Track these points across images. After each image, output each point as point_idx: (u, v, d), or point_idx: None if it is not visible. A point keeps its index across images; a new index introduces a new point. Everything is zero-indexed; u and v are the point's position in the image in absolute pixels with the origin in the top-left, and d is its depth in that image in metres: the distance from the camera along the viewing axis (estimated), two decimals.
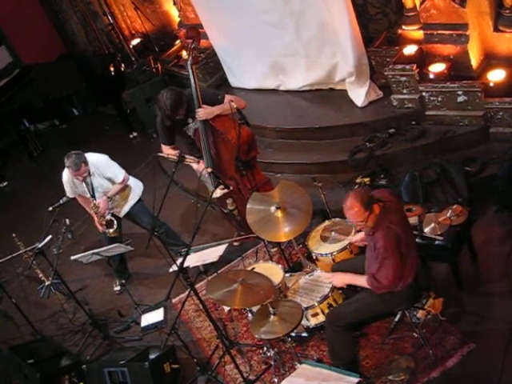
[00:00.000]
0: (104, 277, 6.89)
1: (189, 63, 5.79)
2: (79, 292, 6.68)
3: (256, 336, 4.73)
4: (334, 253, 5.12)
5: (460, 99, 6.03)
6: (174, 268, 4.90)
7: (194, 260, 5.16)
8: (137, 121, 9.16)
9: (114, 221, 6.08)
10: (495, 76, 5.94)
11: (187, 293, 5.27)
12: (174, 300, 6.11)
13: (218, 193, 5.64)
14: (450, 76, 6.12)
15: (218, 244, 5.30)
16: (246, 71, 7.98)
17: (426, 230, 4.95)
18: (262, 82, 7.89)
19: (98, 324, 6.11)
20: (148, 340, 5.82)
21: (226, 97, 5.73)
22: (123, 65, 9.60)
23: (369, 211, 4.16)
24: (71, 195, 6.15)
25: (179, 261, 4.79)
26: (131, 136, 9.24)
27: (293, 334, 4.77)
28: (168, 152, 5.90)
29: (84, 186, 5.89)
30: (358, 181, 6.27)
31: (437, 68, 6.19)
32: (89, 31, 11.32)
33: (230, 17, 7.56)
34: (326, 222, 5.54)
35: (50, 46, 11.21)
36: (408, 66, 6.24)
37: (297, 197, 5.13)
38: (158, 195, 5.04)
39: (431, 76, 6.21)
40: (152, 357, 5.22)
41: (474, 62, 6.06)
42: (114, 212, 6.21)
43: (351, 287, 4.74)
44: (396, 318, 4.88)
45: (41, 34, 11.16)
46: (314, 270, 5.26)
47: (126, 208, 6.26)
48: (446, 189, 5.63)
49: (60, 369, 5.60)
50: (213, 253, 5.22)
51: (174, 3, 9.15)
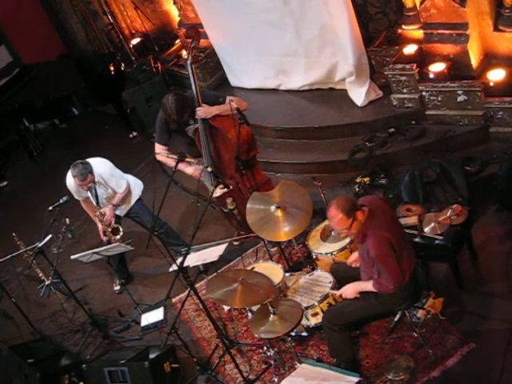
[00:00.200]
0: (104, 276, 6.88)
1: (189, 62, 5.80)
2: (79, 291, 6.67)
3: (256, 335, 4.73)
4: (334, 252, 5.12)
5: (460, 99, 6.03)
6: (174, 267, 4.90)
7: (193, 259, 5.16)
8: (137, 120, 9.15)
9: (120, 228, 6.08)
10: (495, 75, 5.94)
11: (187, 292, 5.27)
12: (173, 299, 6.10)
13: (217, 192, 5.65)
14: (450, 75, 6.12)
15: (218, 243, 5.30)
16: (246, 71, 7.98)
17: (426, 229, 4.95)
18: (261, 81, 7.89)
19: (98, 323, 6.11)
20: (148, 339, 5.82)
21: (227, 98, 5.74)
22: (123, 64, 9.58)
23: (352, 218, 4.15)
24: (78, 198, 6.15)
25: (179, 260, 4.79)
26: (131, 135, 9.23)
27: (293, 334, 4.76)
28: (161, 152, 5.89)
29: (89, 194, 5.89)
30: (358, 180, 6.26)
31: (437, 67, 6.19)
32: (89, 31, 11.30)
33: (229, 16, 7.56)
34: (326, 222, 5.50)
35: (50, 46, 11.18)
36: (408, 66, 6.24)
37: (297, 196, 5.13)
38: (158, 195, 5.05)
39: (431, 75, 6.21)
40: (152, 356, 5.21)
41: (474, 61, 6.06)
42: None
43: None
44: (396, 318, 4.87)
45: (41, 33, 11.14)
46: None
47: (126, 208, 6.26)
48: (446, 188, 5.63)
49: (60, 368, 5.60)
50: (213, 252, 5.22)
51: (174, 3, 9.15)
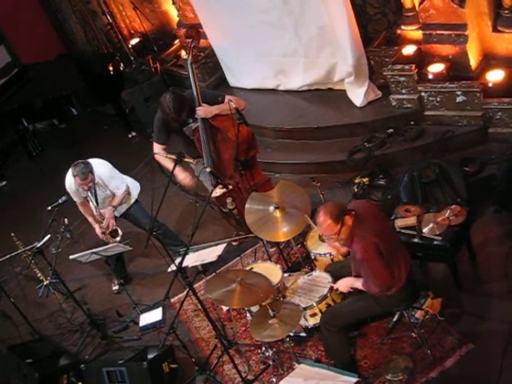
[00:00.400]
0: (102, 276, 6.88)
1: (189, 62, 5.80)
2: (78, 291, 6.67)
3: (258, 339, 4.72)
4: (333, 253, 5.11)
5: (459, 99, 6.03)
6: (173, 268, 4.90)
7: (192, 260, 5.16)
8: (135, 120, 9.14)
9: (119, 230, 6.09)
10: (494, 76, 5.95)
11: (186, 292, 5.27)
12: (172, 300, 6.09)
13: (217, 192, 5.64)
14: (449, 76, 6.12)
15: (217, 244, 5.30)
16: (245, 71, 7.98)
17: (425, 230, 4.95)
18: (261, 81, 7.88)
19: (97, 323, 6.10)
20: (146, 340, 5.81)
21: (226, 97, 5.74)
22: (122, 64, 9.59)
23: (340, 224, 4.13)
24: (77, 199, 6.15)
25: (178, 260, 4.78)
26: (130, 135, 9.23)
27: (291, 334, 4.77)
28: (160, 151, 5.89)
29: (89, 194, 5.89)
30: (357, 181, 6.26)
31: (436, 68, 6.20)
32: (88, 31, 11.30)
33: (228, 16, 7.56)
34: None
35: (49, 46, 11.17)
36: (407, 66, 6.24)
37: (296, 197, 5.13)
38: (156, 195, 5.04)
39: (430, 76, 6.21)
40: (150, 356, 5.20)
41: (473, 62, 6.07)
42: None
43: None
44: (394, 318, 4.87)
45: (40, 33, 11.12)
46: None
47: (122, 209, 6.25)
48: (445, 189, 5.63)
49: (58, 368, 5.59)
50: (211, 252, 5.22)
51: (173, 3, 9.14)
